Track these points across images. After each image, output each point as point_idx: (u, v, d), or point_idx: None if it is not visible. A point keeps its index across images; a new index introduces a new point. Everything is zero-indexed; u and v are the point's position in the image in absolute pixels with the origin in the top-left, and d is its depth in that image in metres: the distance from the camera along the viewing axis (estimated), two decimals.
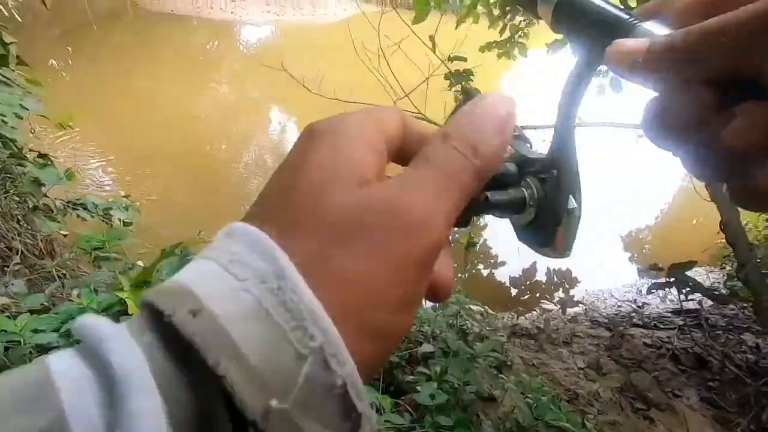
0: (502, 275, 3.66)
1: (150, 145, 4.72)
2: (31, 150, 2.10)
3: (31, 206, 1.96)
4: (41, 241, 1.88)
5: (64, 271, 1.94)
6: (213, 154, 4.80)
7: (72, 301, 1.71)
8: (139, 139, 4.82)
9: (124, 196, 3.09)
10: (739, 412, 1.76)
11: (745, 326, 2.22)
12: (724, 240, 2.09)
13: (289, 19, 10.37)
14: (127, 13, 9.60)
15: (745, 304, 2.14)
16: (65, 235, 2.33)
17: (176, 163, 4.49)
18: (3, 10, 3.46)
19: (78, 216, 2.43)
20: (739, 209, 1.80)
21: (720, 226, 1.84)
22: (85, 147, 4.40)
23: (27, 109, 1.94)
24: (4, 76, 1.89)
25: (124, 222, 2.51)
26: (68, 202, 2.41)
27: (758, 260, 1.73)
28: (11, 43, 1.95)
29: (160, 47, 7.89)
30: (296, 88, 3.19)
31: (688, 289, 2.01)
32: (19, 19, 3.72)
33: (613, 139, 4.60)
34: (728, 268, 3.09)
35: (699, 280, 2.34)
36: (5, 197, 1.78)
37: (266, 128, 5.55)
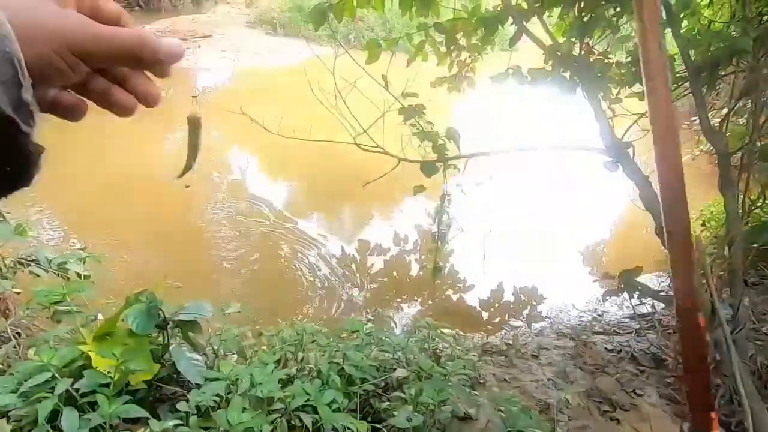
0: (472, 298, 3.75)
1: (106, 197, 4.61)
2: None
3: None
4: None
5: (19, 330, 1.85)
6: (171, 201, 4.72)
7: (29, 359, 1.63)
8: (95, 191, 4.70)
9: (80, 249, 2.99)
10: None
11: None
12: None
13: (245, 64, 10.55)
14: None
15: None
16: (18, 293, 2.23)
17: (133, 214, 4.40)
18: None
19: (31, 273, 2.33)
20: None
21: (656, 232, 2.02)
22: (36, 204, 4.24)
23: None
24: None
25: (80, 275, 2.42)
26: (18, 259, 2.32)
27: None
28: None
29: None
30: (256, 130, 3.25)
31: (638, 293, 2.15)
32: None
33: (558, 161, 4.90)
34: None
35: (649, 285, 2.50)
36: None
37: (226, 171, 5.53)
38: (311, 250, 4.09)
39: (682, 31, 2.48)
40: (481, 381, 1.93)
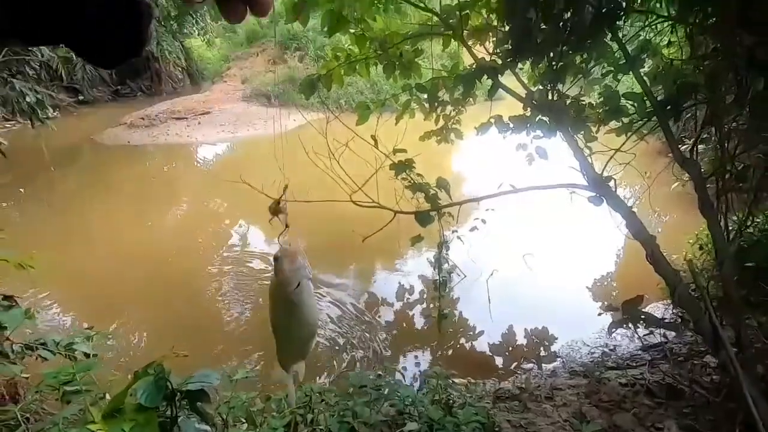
0: (481, 343, 3.70)
1: (110, 275, 4.68)
2: None
3: None
4: (3, 386, 1.81)
5: (28, 415, 1.85)
6: (176, 272, 4.79)
7: None
8: (99, 271, 4.77)
9: (87, 328, 3.01)
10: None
11: (704, 349, 2.36)
12: None
13: (243, 135, 11.04)
14: (84, 149, 9.95)
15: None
16: (26, 378, 2.24)
17: (139, 288, 4.44)
18: None
19: (38, 357, 2.35)
20: (657, 241, 2.04)
21: (647, 259, 2.06)
22: (45, 285, 4.30)
23: None
24: None
25: (87, 354, 2.43)
26: (27, 343, 2.34)
27: (689, 282, 1.92)
28: None
29: (117, 178, 8.10)
30: (257, 197, 3.38)
31: (643, 323, 2.15)
32: None
33: (551, 200, 5.01)
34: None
35: (656, 314, 2.49)
36: None
37: (228, 239, 5.63)
38: (318, 305, 4.08)
39: (648, 70, 2.68)
40: (496, 429, 1.89)
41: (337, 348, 3.60)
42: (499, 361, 3.46)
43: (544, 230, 5.45)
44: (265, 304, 4.10)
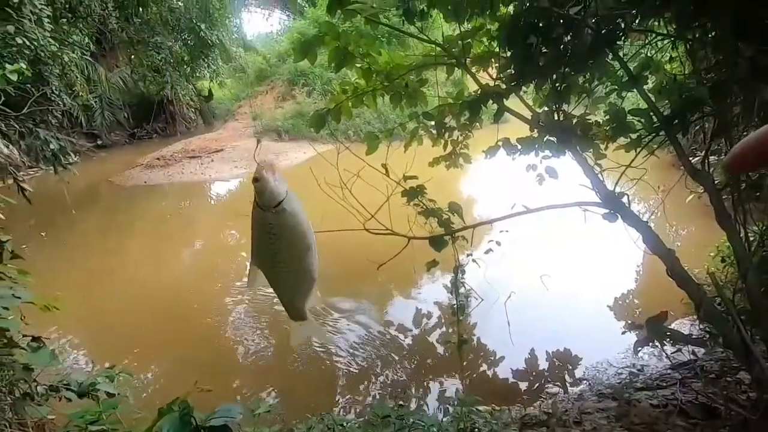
0: (503, 368, 3.61)
1: (129, 313, 4.73)
2: (24, 336, 2.15)
3: (20, 394, 1.94)
4: (32, 428, 1.83)
5: None
6: (192, 308, 4.82)
7: None
8: (118, 310, 4.83)
9: (109, 367, 3.04)
10: None
11: (737, 365, 2.27)
12: None
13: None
14: (103, 191, 10.26)
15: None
16: (53, 419, 2.25)
17: (158, 325, 4.48)
18: None
19: (62, 398, 2.37)
20: (677, 255, 2.01)
21: (667, 273, 2.03)
22: (66, 325, 4.37)
23: (19, 298, 2.04)
24: None
25: (111, 394, 2.45)
26: (50, 385, 2.37)
27: (714, 297, 1.88)
28: (7, 240, 2.14)
29: (135, 217, 8.30)
30: None
31: (670, 340, 2.09)
32: (2, 216, 3.98)
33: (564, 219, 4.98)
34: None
35: (682, 330, 2.43)
36: None
37: (243, 273, 5.68)
38: (333, 335, 4.06)
39: (652, 86, 2.71)
40: None
41: (356, 377, 3.56)
42: (522, 386, 3.37)
43: (560, 250, 5.39)
44: (282, 336, 4.10)
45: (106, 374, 2.51)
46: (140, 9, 10.63)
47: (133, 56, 12.26)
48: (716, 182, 2.02)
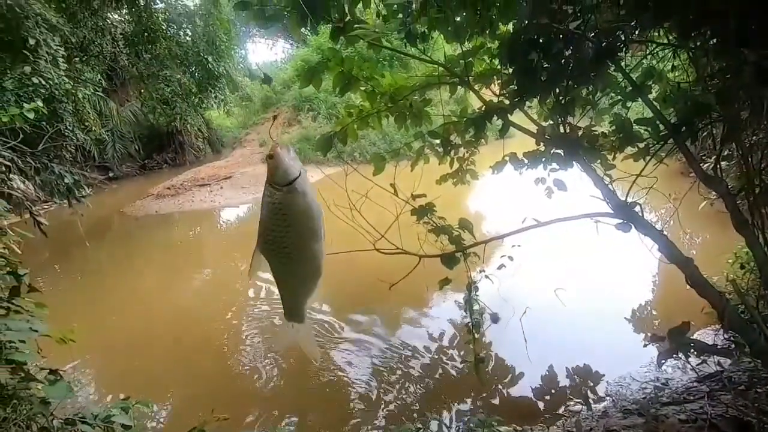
0: (523, 387, 3.52)
1: (142, 343, 4.73)
2: (41, 369, 2.15)
3: (38, 428, 1.93)
4: None
5: None
6: (205, 336, 4.80)
7: None
8: (131, 340, 4.83)
9: (124, 399, 3.02)
10: None
11: (766, 376, 2.19)
12: None
13: None
14: (116, 222, 10.41)
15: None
16: None
17: (171, 354, 4.47)
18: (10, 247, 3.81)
19: None
20: (695, 263, 1.97)
21: (687, 282, 1.98)
22: (80, 356, 4.38)
23: (36, 331, 2.06)
24: (16, 305, 2.05)
25: (126, 426, 2.43)
26: (66, 418, 2.35)
27: (737, 305, 1.83)
28: (24, 274, 2.18)
29: (146, 247, 8.39)
30: None
31: (694, 351, 2.03)
32: (19, 251, 4.05)
33: (576, 231, 4.94)
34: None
35: (705, 341, 2.36)
36: (14, 425, 1.77)
37: (255, 299, 5.66)
38: (349, 357, 4.01)
39: (656, 94, 2.72)
40: None
41: (373, 400, 3.49)
42: (543, 404, 3.27)
43: (573, 262, 5.33)
44: (296, 361, 4.06)
45: (121, 405, 2.50)
46: (150, 45, 10.99)
47: (143, 90, 12.62)
48: (730, 187, 2.00)
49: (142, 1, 10.60)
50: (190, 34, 11.90)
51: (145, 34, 10.82)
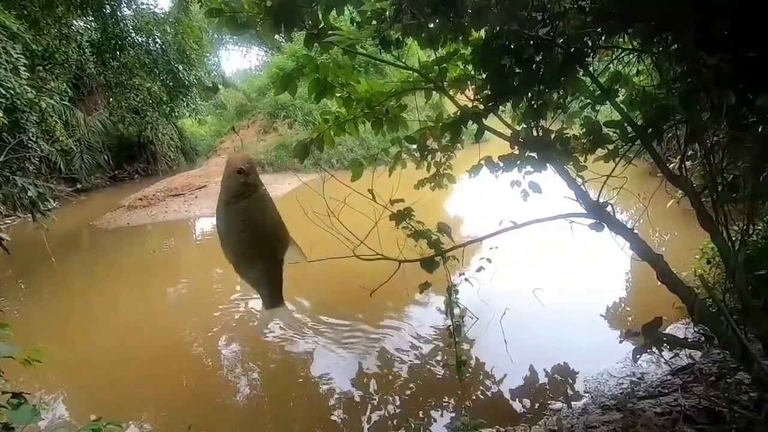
0: (504, 387, 3.56)
1: (115, 360, 4.56)
2: (3, 393, 2.04)
3: None
4: None
5: None
6: (181, 351, 4.67)
7: None
8: (104, 358, 4.66)
9: (95, 420, 2.90)
10: None
11: (735, 366, 2.28)
12: None
13: None
14: (84, 236, 10.03)
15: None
16: None
17: (145, 371, 4.31)
18: None
19: None
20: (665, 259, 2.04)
21: (658, 279, 2.05)
22: (48, 377, 4.18)
23: None
24: None
25: None
26: None
27: (706, 298, 1.90)
28: None
29: (117, 261, 8.09)
30: None
31: (667, 346, 2.09)
32: None
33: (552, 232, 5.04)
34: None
35: (677, 335, 2.44)
36: None
37: (232, 311, 5.53)
38: (331, 364, 3.97)
39: (623, 98, 2.81)
40: None
41: (355, 408, 3.45)
42: (525, 403, 3.31)
43: (550, 263, 5.44)
44: (276, 375, 3.98)
45: (92, 427, 2.39)
46: (117, 53, 10.70)
47: (111, 99, 12.26)
48: (695, 186, 2.08)
49: (108, 8, 10.33)
50: (159, 42, 11.64)
51: (112, 41, 10.53)
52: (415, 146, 3.39)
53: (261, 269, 1.42)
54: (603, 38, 2.46)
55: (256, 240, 1.35)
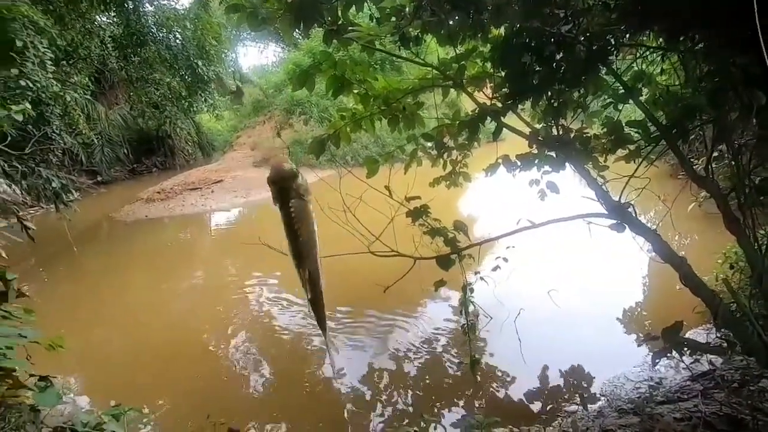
0: (519, 388, 3.53)
1: (133, 348, 4.65)
2: (31, 375, 2.11)
3: None
4: None
5: None
6: (198, 340, 4.74)
7: None
8: (122, 346, 4.76)
9: (115, 406, 2.97)
10: None
11: (759, 373, 2.22)
12: None
13: (256, 199, 11.32)
14: (104, 227, 10.26)
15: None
16: None
17: (165, 360, 4.40)
18: None
19: None
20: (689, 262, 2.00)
21: (681, 281, 2.01)
22: (71, 364, 4.29)
23: (25, 338, 2.01)
24: (4, 310, 2.01)
25: None
26: (55, 427, 2.30)
27: (729, 303, 1.85)
28: (13, 279, 2.13)
29: (136, 252, 8.27)
30: (273, 256, 3.41)
31: (687, 350, 2.05)
32: (5, 255, 3.97)
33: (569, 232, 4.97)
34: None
35: (698, 339, 2.39)
36: None
37: (248, 302, 5.60)
38: (344, 359, 3.99)
39: (646, 97, 2.75)
40: None
41: (368, 403, 3.47)
42: (539, 404, 3.28)
43: (567, 263, 5.37)
44: (289, 365, 4.02)
45: (112, 413, 2.45)
46: (139, 48, 10.88)
47: (132, 93, 12.49)
48: (721, 188, 2.03)
49: (130, 3, 10.51)
50: (179, 37, 11.80)
51: (134, 37, 10.71)
52: (431, 144, 3.37)
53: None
54: (627, 36, 2.41)
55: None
